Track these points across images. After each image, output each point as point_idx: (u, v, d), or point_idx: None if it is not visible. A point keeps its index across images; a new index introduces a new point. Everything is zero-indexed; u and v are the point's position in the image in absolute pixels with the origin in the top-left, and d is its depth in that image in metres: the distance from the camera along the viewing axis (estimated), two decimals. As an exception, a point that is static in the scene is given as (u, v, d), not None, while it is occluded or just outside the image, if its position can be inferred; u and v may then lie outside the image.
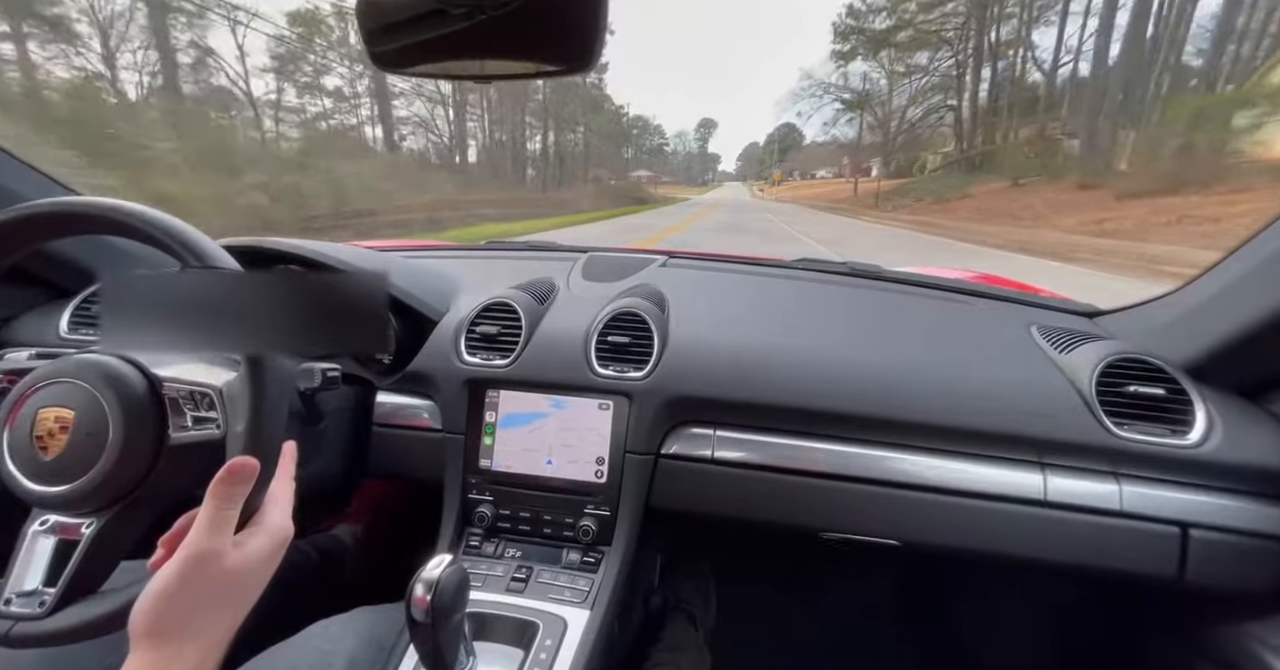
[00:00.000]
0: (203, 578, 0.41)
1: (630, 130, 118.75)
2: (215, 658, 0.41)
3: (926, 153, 33.75)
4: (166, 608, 0.40)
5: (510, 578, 0.73)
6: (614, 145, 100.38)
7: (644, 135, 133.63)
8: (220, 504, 0.44)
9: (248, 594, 0.45)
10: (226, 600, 0.43)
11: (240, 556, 0.43)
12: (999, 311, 0.98)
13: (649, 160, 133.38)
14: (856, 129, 48.34)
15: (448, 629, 0.50)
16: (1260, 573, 0.66)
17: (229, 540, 0.43)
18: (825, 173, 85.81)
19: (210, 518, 0.43)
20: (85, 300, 0.85)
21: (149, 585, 0.41)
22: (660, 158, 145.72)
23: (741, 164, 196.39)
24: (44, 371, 0.55)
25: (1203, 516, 0.66)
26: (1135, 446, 0.68)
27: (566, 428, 0.79)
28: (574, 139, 45.23)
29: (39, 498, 0.53)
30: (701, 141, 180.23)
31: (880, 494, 0.73)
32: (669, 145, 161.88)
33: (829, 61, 44.10)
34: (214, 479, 0.45)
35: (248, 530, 0.46)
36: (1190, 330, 0.75)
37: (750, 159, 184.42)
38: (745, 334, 0.85)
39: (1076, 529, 0.69)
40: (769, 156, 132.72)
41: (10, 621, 0.50)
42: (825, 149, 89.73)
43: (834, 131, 54.25)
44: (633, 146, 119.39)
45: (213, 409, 0.55)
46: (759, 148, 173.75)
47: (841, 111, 47.63)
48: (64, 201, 0.53)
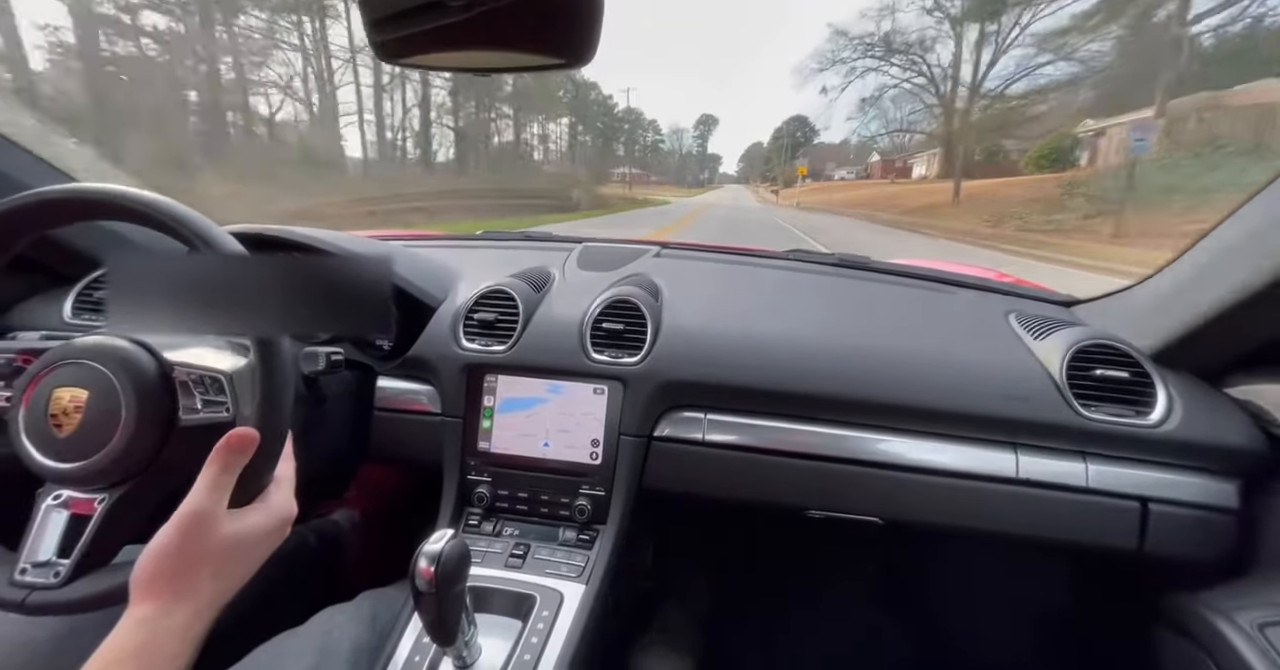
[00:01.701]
0: (196, 538, 0.43)
1: (622, 124, 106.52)
2: (204, 620, 0.43)
3: (1044, 140, 20.97)
4: (162, 563, 0.42)
5: (509, 554, 0.76)
6: (604, 140, 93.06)
7: (636, 129, 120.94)
8: (218, 470, 0.46)
9: (241, 564, 0.46)
10: (219, 566, 0.44)
11: (236, 526, 0.45)
12: (979, 300, 1.02)
13: (643, 158, 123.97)
14: (902, 110, 36.61)
15: (450, 599, 0.53)
16: (1211, 543, 0.70)
17: (224, 505, 0.45)
18: (846, 173, 70.31)
19: (208, 481, 0.45)
20: (88, 286, 0.86)
21: (149, 543, 0.43)
22: (655, 156, 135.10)
23: (744, 166, 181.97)
24: (59, 352, 0.57)
25: (1161, 492, 0.71)
26: (1101, 426, 0.72)
27: (563, 411, 0.81)
28: (555, 130, 43.32)
29: (53, 473, 0.55)
30: (701, 139, 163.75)
31: (863, 474, 0.77)
32: (665, 143, 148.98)
33: (866, 18, 33.67)
34: (216, 446, 0.46)
35: (251, 506, 0.48)
36: (1154, 317, 0.78)
37: (753, 160, 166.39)
38: (736, 321, 0.88)
39: (1046, 505, 0.73)
40: (777, 154, 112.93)
41: (26, 590, 0.52)
42: (839, 149, 79.12)
43: (872, 114, 41.52)
44: (624, 142, 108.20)
45: (222, 393, 0.57)
46: (763, 148, 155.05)
47: (891, 87, 34.23)
48: (72, 188, 0.54)
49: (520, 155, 39.93)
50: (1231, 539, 0.70)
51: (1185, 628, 0.70)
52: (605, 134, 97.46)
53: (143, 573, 0.42)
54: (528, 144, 40.83)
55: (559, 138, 54.99)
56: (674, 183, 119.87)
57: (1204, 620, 0.66)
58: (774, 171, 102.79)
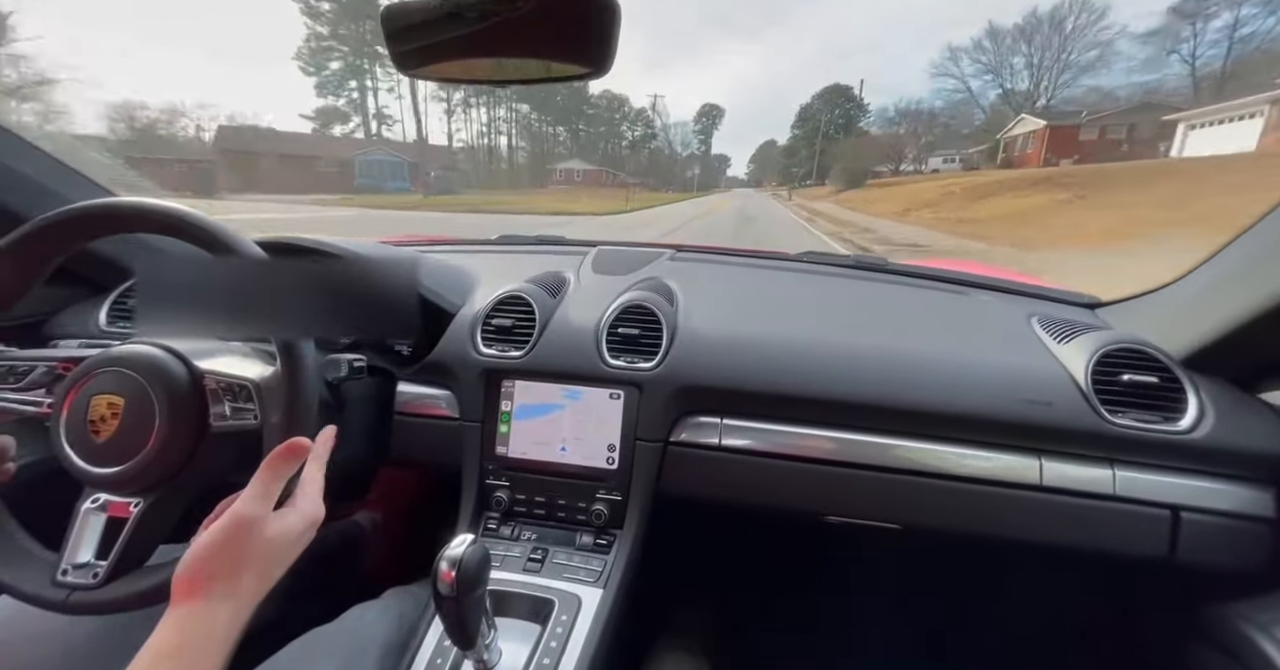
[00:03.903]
0: (243, 541, 0.45)
1: (584, 109, 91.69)
2: (243, 619, 0.44)
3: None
4: (209, 563, 0.44)
5: (527, 558, 0.77)
6: (569, 131, 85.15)
7: (608, 116, 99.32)
8: (270, 478, 0.48)
9: (279, 565, 0.48)
10: (260, 567, 0.46)
11: (276, 528, 0.47)
12: (1000, 302, 1.00)
13: (628, 156, 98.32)
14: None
15: (470, 602, 0.53)
16: (1247, 553, 0.68)
17: (270, 510, 0.47)
18: (942, 163, 47.98)
19: (258, 489, 0.47)
20: (121, 295, 0.89)
21: (194, 543, 0.45)
22: (637, 155, 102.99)
23: (754, 167, 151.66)
24: (96, 360, 0.59)
25: (1193, 500, 0.69)
26: (1129, 433, 0.70)
27: (579, 417, 0.82)
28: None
29: (92, 477, 0.57)
30: (704, 135, 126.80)
31: (882, 480, 0.76)
32: (656, 139, 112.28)
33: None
34: (270, 454, 0.48)
35: (283, 509, 0.49)
36: (1185, 321, 0.76)
37: (766, 161, 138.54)
38: (751, 325, 0.87)
39: (1070, 512, 0.71)
40: (803, 143, 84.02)
41: (67, 590, 0.54)
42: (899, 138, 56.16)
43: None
44: (584, 132, 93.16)
45: (250, 401, 0.59)
46: (776, 147, 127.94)
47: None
48: (110, 202, 0.57)
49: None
50: (1266, 548, 0.68)
51: (1217, 639, 0.68)
52: (564, 122, 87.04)
53: (186, 573, 0.44)
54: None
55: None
56: (659, 186, 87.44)
57: (1237, 632, 0.65)
58: (801, 167, 77.08)
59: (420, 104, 54.11)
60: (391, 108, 73.72)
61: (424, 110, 57.97)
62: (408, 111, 63.58)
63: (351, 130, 66.02)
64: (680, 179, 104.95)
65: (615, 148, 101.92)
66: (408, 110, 67.07)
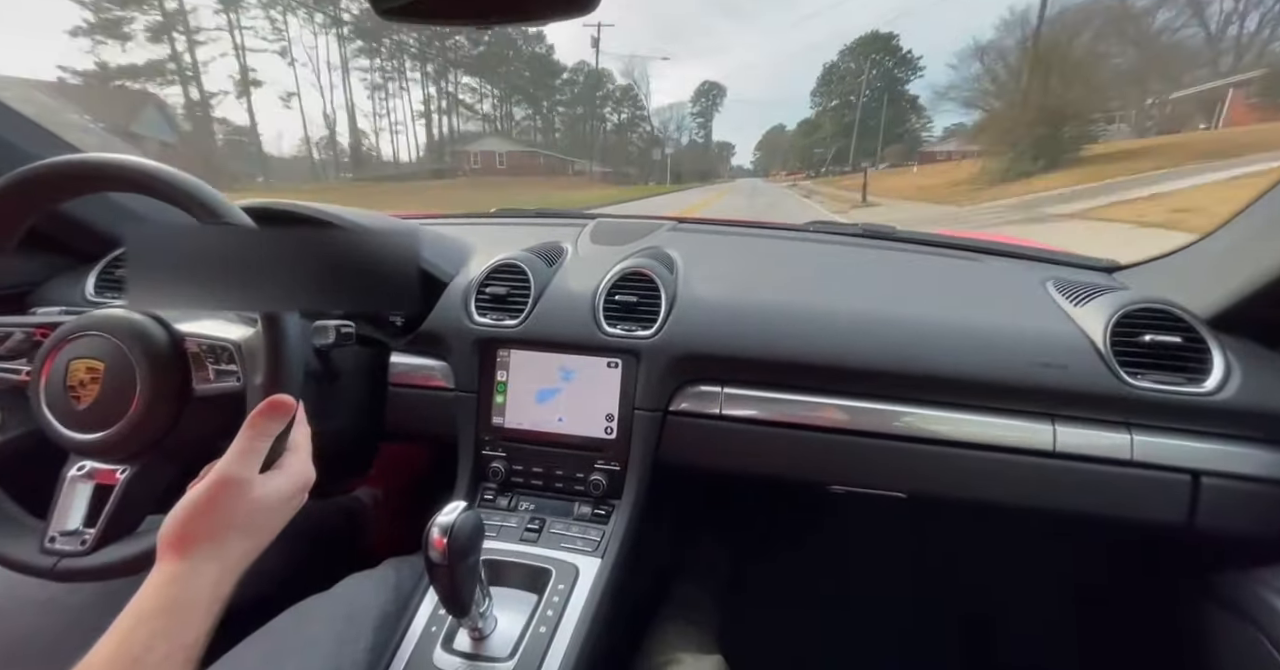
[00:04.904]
0: (228, 501, 0.43)
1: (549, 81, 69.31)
2: (231, 579, 0.43)
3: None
4: (193, 522, 0.43)
5: (524, 529, 0.76)
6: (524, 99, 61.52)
7: (586, 95, 76.01)
8: (254, 436, 0.46)
9: (266, 527, 0.47)
10: (247, 528, 0.45)
11: (264, 490, 0.46)
12: (1013, 268, 0.97)
13: (611, 140, 78.65)
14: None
15: (463, 570, 0.52)
16: (1269, 519, 0.65)
17: (256, 470, 0.46)
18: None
19: (242, 447, 0.45)
20: (109, 264, 0.88)
21: (180, 502, 0.44)
22: (621, 139, 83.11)
23: (761, 155, 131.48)
24: (72, 325, 0.57)
25: (1214, 464, 0.66)
26: (1149, 395, 0.67)
27: (577, 386, 0.80)
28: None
29: (76, 444, 0.56)
30: (703, 117, 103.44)
31: (888, 447, 0.74)
32: (648, 121, 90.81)
33: None
34: (252, 412, 0.47)
35: (272, 471, 0.48)
36: (1210, 279, 0.73)
37: (774, 148, 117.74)
38: (753, 293, 0.85)
39: (1085, 479, 0.69)
40: (831, 112, 62.71)
41: (55, 557, 0.54)
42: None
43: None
44: (561, 111, 73.25)
45: (232, 362, 0.57)
46: (785, 132, 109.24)
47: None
48: (80, 158, 0.54)
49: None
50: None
51: (1239, 606, 0.66)
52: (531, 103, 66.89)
53: (170, 531, 0.43)
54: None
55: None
56: (639, 178, 65.58)
57: (1260, 598, 0.62)
58: (829, 146, 56.78)
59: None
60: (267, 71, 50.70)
61: (327, 81, 46.93)
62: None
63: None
64: (661, 167, 75.38)
65: (587, 130, 77.93)
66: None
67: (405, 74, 57.81)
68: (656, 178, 67.76)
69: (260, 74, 45.88)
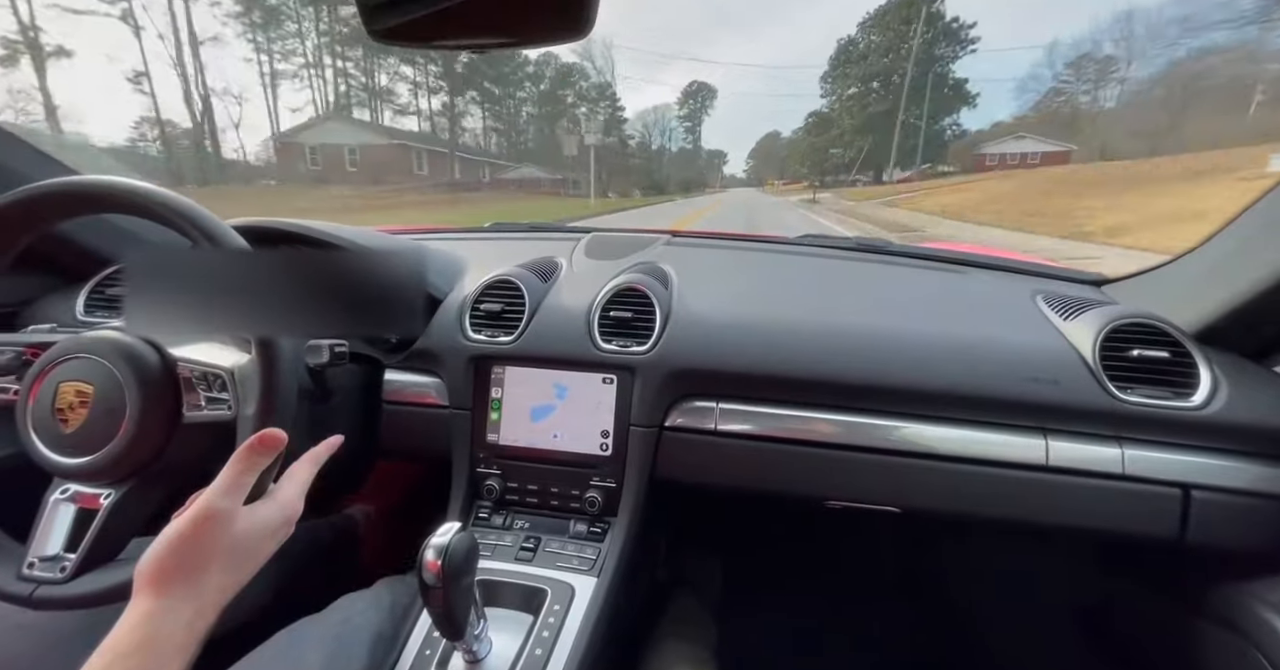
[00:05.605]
0: (210, 535, 0.42)
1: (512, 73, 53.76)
2: (208, 618, 0.42)
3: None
4: (171, 558, 0.41)
5: (519, 547, 0.75)
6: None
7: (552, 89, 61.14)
8: (241, 469, 0.45)
9: (249, 561, 0.45)
10: (228, 563, 0.43)
11: (248, 523, 0.44)
12: (1003, 281, 0.98)
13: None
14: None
15: (458, 592, 0.52)
16: (1261, 532, 0.66)
17: (240, 504, 0.44)
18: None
19: (228, 481, 0.44)
20: (100, 283, 0.87)
21: (159, 536, 0.42)
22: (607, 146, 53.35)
23: (754, 163, 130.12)
24: (64, 346, 0.57)
25: (1205, 478, 0.66)
26: (1138, 410, 0.68)
27: (571, 402, 0.80)
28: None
29: (60, 468, 0.55)
30: (691, 121, 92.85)
31: (882, 462, 0.74)
32: (627, 127, 73.39)
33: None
34: (242, 445, 0.45)
35: (261, 500, 0.47)
36: (1196, 294, 0.74)
37: (768, 156, 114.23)
38: (747, 307, 0.85)
39: (1077, 492, 0.69)
40: (851, 104, 47.83)
41: (33, 584, 0.52)
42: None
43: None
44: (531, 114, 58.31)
45: (224, 390, 0.57)
46: (779, 139, 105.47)
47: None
48: (76, 180, 0.54)
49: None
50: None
51: (1231, 620, 0.66)
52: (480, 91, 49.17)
53: (148, 567, 0.41)
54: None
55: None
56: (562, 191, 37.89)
57: (1251, 612, 0.63)
58: (848, 148, 45.63)
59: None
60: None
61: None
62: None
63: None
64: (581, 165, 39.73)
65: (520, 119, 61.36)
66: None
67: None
68: (584, 186, 34.36)
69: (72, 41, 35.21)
